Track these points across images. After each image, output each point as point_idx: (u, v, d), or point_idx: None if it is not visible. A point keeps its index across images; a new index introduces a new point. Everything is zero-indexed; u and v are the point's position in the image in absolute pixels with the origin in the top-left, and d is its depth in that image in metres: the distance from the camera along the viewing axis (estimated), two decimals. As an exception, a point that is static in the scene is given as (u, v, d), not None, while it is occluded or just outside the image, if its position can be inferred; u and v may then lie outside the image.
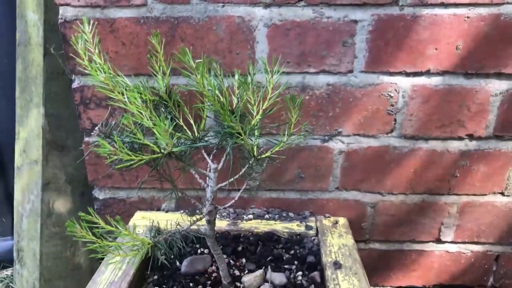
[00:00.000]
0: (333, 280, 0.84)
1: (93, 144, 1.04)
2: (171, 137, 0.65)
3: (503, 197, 1.06)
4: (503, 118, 0.98)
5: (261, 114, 0.74)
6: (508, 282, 1.17)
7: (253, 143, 0.75)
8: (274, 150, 0.75)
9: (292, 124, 0.74)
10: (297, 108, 0.73)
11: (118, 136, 0.64)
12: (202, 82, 0.64)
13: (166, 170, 0.74)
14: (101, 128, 0.66)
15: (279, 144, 0.75)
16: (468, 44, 0.92)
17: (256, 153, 0.76)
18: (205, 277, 0.90)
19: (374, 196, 1.08)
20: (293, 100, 0.71)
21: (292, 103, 0.72)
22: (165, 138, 0.61)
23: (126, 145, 0.66)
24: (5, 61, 1.25)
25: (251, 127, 0.72)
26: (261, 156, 0.76)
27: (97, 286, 0.82)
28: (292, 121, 0.73)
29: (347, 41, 0.93)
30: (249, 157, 0.76)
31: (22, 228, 1.21)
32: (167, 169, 0.74)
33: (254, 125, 0.73)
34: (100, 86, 0.68)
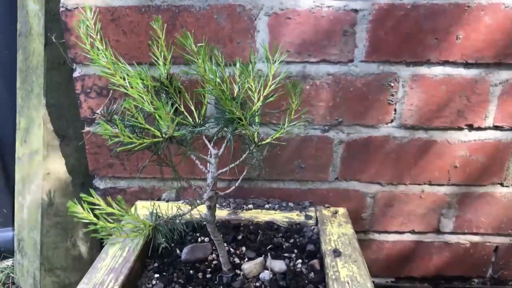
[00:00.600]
0: (332, 268, 0.84)
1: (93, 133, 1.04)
2: (172, 121, 0.65)
3: (502, 187, 1.07)
4: (503, 108, 0.99)
5: (262, 101, 0.74)
6: (507, 273, 1.18)
7: (254, 129, 0.76)
8: (275, 136, 0.75)
9: (293, 110, 0.74)
10: (298, 94, 0.73)
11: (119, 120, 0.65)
12: (204, 66, 0.65)
13: (167, 155, 0.74)
14: (103, 112, 0.66)
15: (279, 130, 0.75)
16: (468, 34, 0.93)
17: (257, 140, 0.76)
18: (205, 264, 0.91)
19: (374, 187, 1.09)
20: (294, 86, 0.72)
21: (293, 89, 0.72)
22: (167, 121, 0.61)
23: (128, 129, 0.67)
24: (6, 52, 1.25)
25: (252, 113, 0.73)
26: (261, 142, 0.76)
27: (98, 272, 0.82)
28: (293, 107, 0.74)
29: (347, 31, 0.94)
30: (249, 144, 0.77)
31: (22, 218, 1.21)
32: (168, 154, 0.75)
33: (255, 111, 0.74)
34: (101, 71, 0.68)
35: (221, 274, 0.87)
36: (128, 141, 0.61)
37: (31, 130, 1.17)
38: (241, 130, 0.75)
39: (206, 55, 0.67)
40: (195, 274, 0.88)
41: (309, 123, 1.02)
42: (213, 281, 0.86)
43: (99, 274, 0.82)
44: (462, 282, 1.20)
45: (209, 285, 0.85)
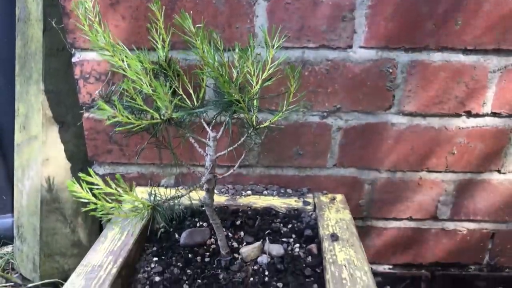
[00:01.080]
0: (330, 251, 0.85)
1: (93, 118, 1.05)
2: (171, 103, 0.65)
3: (500, 174, 1.07)
4: (501, 95, 0.99)
5: (260, 84, 0.75)
6: (503, 259, 1.19)
7: (252, 112, 0.76)
8: (273, 120, 0.76)
9: (291, 93, 0.74)
10: (296, 77, 0.73)
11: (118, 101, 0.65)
12: (202, 48, 0.65)
13: (166, 138, 0.75)
14: (101, 93, 0.66)
15: (278, 114, 0.76)
16: (467, 19, 0.93)
17: (255, 123, 0.76)
18: (203, 248, 0.91)
19: (371, 173, 1.09)
20: (293, 69, 0.72)
21: (291, 73, 0.72)
22: (165, 101, 0.62)
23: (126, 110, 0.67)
24: (4, 39, 1.24)
25: (250, 96, 0.73)
26: (259, 126, 0.77)
27: (97, 255, 0.83)
28: (291, 90, 0.74)
29: (346, 16, 0.94)
30: (248, 127, 0.77)
31: (22, 204, 1.22)
32: (166, 137, 0.75)
33: (254, 94, 0.74)
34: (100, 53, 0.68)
35: (219, 257, 0.88)
36: (126, 121, 0.62)
37: (30, 116, 1.17)
38: (239, 114, 0.75)
39: (205, 37, 0.67)
40: (193, 257, 0.88)
41: (308, 109, 1.02)
42: (212, 264, 0.87)
43: (98, 256, 0.83)
44: (459, 269, 1.21)
45: (208, 269, 0.85)
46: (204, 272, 0.84)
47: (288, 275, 0.84)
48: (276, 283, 0.81)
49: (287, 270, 0.85)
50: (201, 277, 0.83)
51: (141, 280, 0.83)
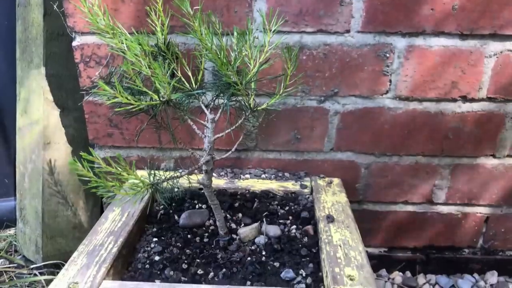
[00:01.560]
0: (325, 232, 0.87)
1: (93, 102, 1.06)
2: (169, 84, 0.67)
3: (494, 159, 1.09)
4: (497, 80, 1.00)
5: (258, 67, 0.76)
6: (497, 243, 1.21)
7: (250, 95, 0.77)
8: (270, 102, 0.77)
9: (288, 76, 0.76)
10: (294, 59, 0.75)
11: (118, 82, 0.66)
12: (200, 30, 0.66)
13: (165, 119, 0.76)
14: (101, 74, 0.67)
15: (275, 96, 0.77)
16: (464, 4, 0.93)
17: (253, 106, 0.78)
18: (202, 229, 0.93)
19: (368, 157, 1.11)
20: (289, 51, 0.73)
21: (288, 54, 0.73)
22: (163, 82, 0.63)
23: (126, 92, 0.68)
24: (5, 23, 1.25)
25: (248, 79, 0.74)
26: (257, 108, 0.78)
27: (98, 235, 0.85)
28: (288, 72, 0.75)
29: (344, 1, 0.94)
30: (245, 110, 0.79)
31: (24, 187, 1.24)
32: (165, 119, 0.76)
33: (251, 77, 0.75)
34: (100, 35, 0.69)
35: (217, 238, 0.90)
36: (126, 102, 0.63)
37: (31, 100, 1.18)
38: (237, 97, 0.76)
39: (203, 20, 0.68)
40: (192, 238, 0.90)
41: (305, 93, 1.03)
42: (210, 244, 0.89)
43: (99, 236, 0.85)
44: (453, 252, 1.23)
45: (206, 249, 0.88)
46: (202, 252, 0.87)
47: (285, 255, 0.86)
48: (273, 262, 0.84)
49: (284, 250, 0.87)
50: (200, 256, 0.85)
51: (141, 259, 0.85)
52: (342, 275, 0.74)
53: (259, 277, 0.80)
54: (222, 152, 1.11)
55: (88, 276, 0.73)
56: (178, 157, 1.13)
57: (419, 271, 1.25)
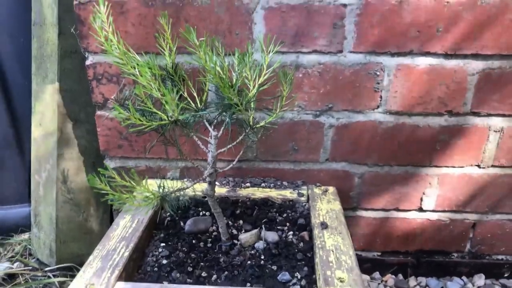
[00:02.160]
0: (319, 238, 0.94)
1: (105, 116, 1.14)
2: (177, 106, 0.75)
3: (479, 169, 1.16)
4: (479, 96, 1.07)
5: (257, 88, 0.84)
6: (484, 248, 1.28)
7: (249, 114, 0.85)
8: (268, 120, 0.85)
9: (284, 96, 0.83)
10: (289, 82, 0.82)
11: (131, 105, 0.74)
12: (205, 58, 0.74)
13: (172, 136, 0.84)
14: (116, 97, 0.75)
15: (273, 115, 0.85)
16: (447, 27, 1.01)
17: (252, 123, 0.86)
18: (206, 235, 1.01)
19: (361, 167, 1.18)
20: (285, 75, 0.81)
21: (284, 78, 0.81)
22: (172, 106, 0.71)
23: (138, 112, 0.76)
24: (21, 40, 1.33)
25: (247, 99, 0.82)
26: (256, 125, 0.86)
27: (110, 241, 0.93)
28: (284, 94, 0.83)
29: (337, 24, 1.02)
30: (246, 127, 0.86)
31: (39, 195, 1.32)
32: (173, 136, 0.84)
33: (251, 98, 0.83)
34: (115, 61, 0.77)
35: (220, 243, 0.97)
36: (139, 123, 0.71)
37: (46, 113, 1.26)
38: (238, 115, 0.84)
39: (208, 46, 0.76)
40: (197, 243, 0.98)
41: (302, 108, 1.11)
42: (213, 249, 0.97)
43: (111, 242, 0.92)
44: (442, 256, 1.30)
45: (210, 253, 0.95)
46: (206, 256, 0.94)
47: (282, 259, 0.93)
48: (271, 266, 0.91)
49: (281, 255, 0.94)
50: (204, 260, 0.93)
51: (150, 262, 0.92)
52: (333, 278, 0.81)
53: (258, 279, 0.87)
54: (224, 162, 1.19)
55: (103, 278, 0.80)
56: (183, 167, 1.21)
57: (410, 274, 1.32)
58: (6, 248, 1.41)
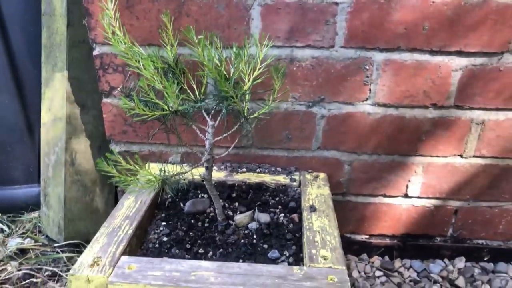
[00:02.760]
0: (307, 220, 1.02)
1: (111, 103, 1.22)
2: (177, 98, 0.82)
3: (462, 159, 1.24)
4: (462, 90, 1.14)
5: (251, 82, 0.91)
6: (465, 232, 1.36)
7: (244, 105, 0.93)
8: (261, 112, 0.92)
9: (276, 90, 0.90)
10: (280, 77, 0.90)
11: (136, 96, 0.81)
12: (203, 54, 0.81)
13: (173, 125, 0.92)
14: (122, 89, 0.83)
15: (265, 107, 0.92)
16: (433, 25, 1.07)
17: (246, 114, 0.93)
18: (204, 215, 1.09)
19: (350, 155, 1.26)
20: (277, 70, 0.88)
21: (276, 73, 0.88)
22: (173, 97, 0.78)
23: (142, 103, 0.84)
24: (31, 30, 1.40)
25: (242, 92, 0.89)
26: (250, 116, 0.93)
27: (116, 219, 1.01)
28: (276, 88, 0.90)
29: (329, 20, 1.08)
30: (240, 117, 0.94)
31: (48, 176, 1.40)
32: (174, 124, 0.92)
33: (245, 91, 0.90)
34: (120, 55, 0.85)
35: (216, 223, 1.06)
36: (142, 113, 0.79)
37: (55, 100, 1.34)
38: (234, 106, 0.92)
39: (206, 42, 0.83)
40: (195, 223, 1.07)
41: (296, 99, 1.18)
42: (210, 228, 1.05)
43: (116, 220, 1.01)
44: (426, 239, 1.38)
45: (207, 232, 1.04)
46: (203, 235, 1.03)
47: (273, 238, 1.02)
48: (262, 244, 0.99)
49: (272, 234, 1.03)
50: (201, 238, 1.01)
51: (152, 239, 1.01)
52: (318, 256, 0.90)
53: (250, 256, 0.96)
54: (222, 148, 1.26)
55: (109, 252, 0.89)
56: (183, 152, 1.29)
57: (396, 256, 1.41)
58: (17, 225, 1.50)
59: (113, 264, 0.85)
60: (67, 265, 1.34)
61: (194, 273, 0.83)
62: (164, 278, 0.81)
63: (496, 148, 1.21)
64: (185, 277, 0.82)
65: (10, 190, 1.56)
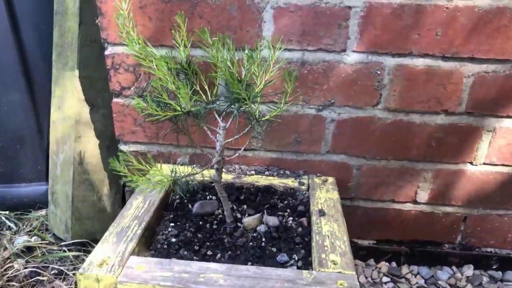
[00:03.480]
0: (317, 224, 1.02)
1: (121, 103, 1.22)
2: (190, 99, 0.82)
3: (472, 166, 1.23)
4: (474, 97, 1.14)
5: (263, 84, 0.91)
6: (474, 240, 1.35)
7: (255, 108, 0.92)
8: (273, 114, 0.92)
9: (288, 93, 0.90)
10: (293, 81, 0.89)
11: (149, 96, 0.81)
12: (217, 55, 0.81)
13: (185, 125, 0.92)
14: (135, 90, 0.83)
15: (277, 110, 0.92)
16: (446, 31, 1.07)
17: (258, 116, 0.93)
18: (212, 217, 1.09)
19: (359, 160, 1.25)
20: (289, 74, 0.88)
21: (288, 77, 0.88)
22: (186, 99, 0.78)
23: (154, 103, 0.84)
24: (43, 28, 1.41)
25: (254, 94, 0.89)
26: (261, 118, 0.93)
27: (124, 219, 1.01)
28: (288, 91, 0.90)
29: (341, 24, 1.08)
30: (252, 119, 0.94)
31: (56, 174, 1.41)
32: (185, 125, 0.92)
33: (257, 93, 0.90)
34: (134, 56, 0.85)
35: (225, 225, 1.05)
36: (155, 113, 0.79)
37: (65, 98, 1.34)
38: (245, 108, 0.92)
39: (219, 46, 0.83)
40: (203, 224, 1.06)
41: (306, 102, 1.18)
42: (218, 230, 1.05)
43: (125, 220, 1.01)
44: (434, 246, 1.37)
45: (215, 234, 1.03)
46: (212, 237, 1.02)
47: (281, 242, 1.01)
48: (271, 247, 0.99)
49: (281, 238, 1.02)
50: (209, 240, 1.01)
51: (160, 240, 1.01)
52: (327, 260, 0.89)
53: (259, 259, 0.96)
54: (231, 150, 1.26)
55: (118, 252, 0.89)
56: (193, 154, 1.29)
57: (403, 262, 1.40)
58: (24, 223, 1.51)
59: (122, 264, 0.85)
60: (73, 263, 1.34)
61: (203, 275, 0.83)
62: (173, 279, 0.81)
63: (507, 156, 1.21)
64: (194, 279, 0.82)
65: (18, 187, 1.57)
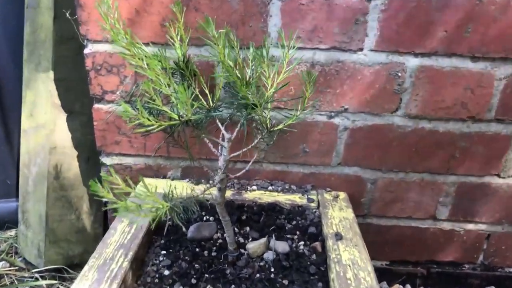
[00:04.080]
0: (334, 250, 0.87)
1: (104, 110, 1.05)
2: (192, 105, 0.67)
3: (499, 179, 1.10)
4: (505, 102, 1.01)
5: (275, 88, 0.76)
6: (497, 260, 1.23)
7: (266, 115, 0.78)
8: (287, 123, 0.77)
9: (307, 98, 0.76)
10: (312, 83, 0.75)
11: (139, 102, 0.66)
12: (224, 52, 0.66)
13: (181, 137, 0.76)
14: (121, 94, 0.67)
15: (292, 118, 0.77)
16: (477, 28, 0.94)
17: (269, 125, 0.78)
18: (210, 243, 0.93)
19: (375, 173, 1.11)
20: (309, 75, 0.73)
21: (308, 78, 0.74)
22: (186, 106, 0.63)
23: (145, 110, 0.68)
24: (13, 23, 1.24)
25: (265, 99, 0.74)
26: (273, 128, 0.78)
27: (108, 247, 0.85)
28: (307, 95, 0.75)
29: (359, 19, 0.95)
30: (262, 129, 0.79)
31: (27, 190, 1.23)
32: (182, 136, 0.76)
33: (269, 98, 0.75)
34: (121, 53, 0.69)
35: (226, 253, 0.90)
36: (148, 123, 0.63)
37: (37, 103, 1.17)
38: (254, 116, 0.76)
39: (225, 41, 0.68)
40: (200, 252, 0.91)
41: (316, 108, 1.04)
42: (219, 259, 0.89)
43: (108, 249, 0.84)
44: (453, 267, 1.24)
45: (215, 263, 0.88)
46: (211, 267, 0.87)
47: (293, 272, 0.86)
48: (281, 280, 0.84)
49: (292, 267, 0.87)
50: (209, 271, 0.86)
51: (150, 272, 0.85)
52: (353, 297, 0.75)
53: (269, 295, 0.81)
54: (230, 163, 1.11)
55: (100, 292, 0.73)
56: (185, 166, 1.13)
57: (419, 284, 1.27)
58: (-10, 246, 1.32)
59: (105, 310, 0.69)
60: (47, 294, 1.16)
61: (206, 322, 0.68)
62: (170, 330, 0.66)
63: (538, 168, 1.09)
64: (196, 328, 0.66)
65: (-16, 204, 1.39)
